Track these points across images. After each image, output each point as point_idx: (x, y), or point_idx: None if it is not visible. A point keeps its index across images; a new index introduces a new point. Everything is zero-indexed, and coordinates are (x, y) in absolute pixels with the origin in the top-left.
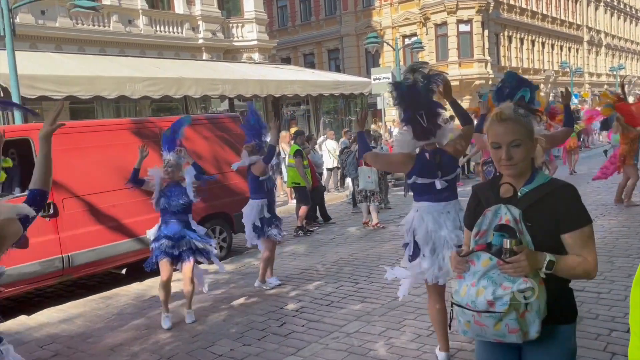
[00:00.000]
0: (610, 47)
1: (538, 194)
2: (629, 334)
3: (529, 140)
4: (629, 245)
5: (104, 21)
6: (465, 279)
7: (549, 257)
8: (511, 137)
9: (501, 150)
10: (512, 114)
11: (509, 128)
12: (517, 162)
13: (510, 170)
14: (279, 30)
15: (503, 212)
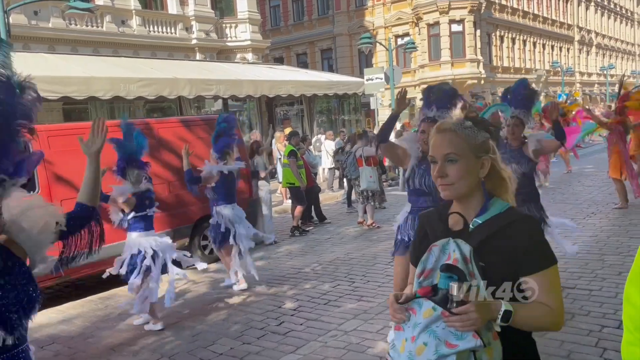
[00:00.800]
0: (601, 47)
1: (493, 227)
2: (620, 330)
3: (471, 156)
4: (619, 244)
5: (97, 22)
6: (404, 331)
7: (505, 307)
8: (446, 150)
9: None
10: (452, 126)
11: (445, 140)
12: (453, 181)
13: (445, 190)
14: (271, 30)
15: (451, 248)
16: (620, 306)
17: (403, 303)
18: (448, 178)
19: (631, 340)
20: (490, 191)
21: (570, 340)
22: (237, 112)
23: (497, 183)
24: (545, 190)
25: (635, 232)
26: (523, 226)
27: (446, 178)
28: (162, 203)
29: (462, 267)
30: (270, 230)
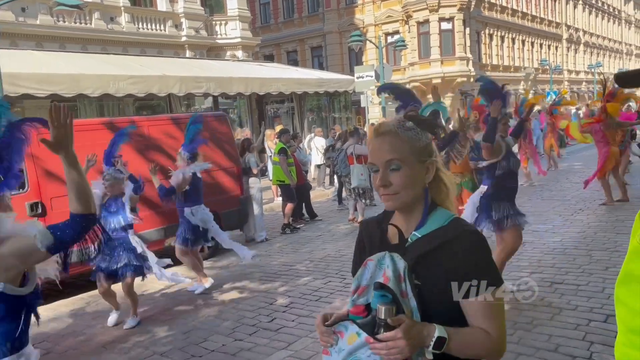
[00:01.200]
0: (589, 45)
1: (433, 242)
2: (607, 324)
3: (415, 162)
4: (606, 239)
5: (85, 18)
6: (331, 355)
7: (438, 332)
8: (388, 156)
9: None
10: (393, 127)
11: (386, 144)
12: (398, 191)
13: (389, 201)
14: (261, 28)
15: (387, 263)
16: (607, 300)
17: (331, 325)
18: (392, 187)
19: (624, 341)
20: (433, 198)
21: (558, 334)
22: (228, 109)
23: (439, 189)
24: (534, 188)
25: (621, 228)
26: (466, 242)
27: (390, 187)
28: (152, 201)
29: (394, 286)
30: (262, 227)
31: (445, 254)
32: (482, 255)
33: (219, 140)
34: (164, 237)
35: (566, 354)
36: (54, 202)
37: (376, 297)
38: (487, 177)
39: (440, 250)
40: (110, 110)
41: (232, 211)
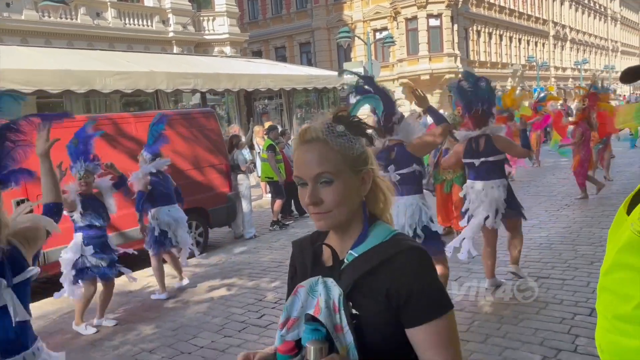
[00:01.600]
0: (575, 42)
1: (371, 261)
2: (592, 317)
3: (350, 173)
4: (591, 234)
5: (71, 14)
6: None
7: None
8: (317, 169)
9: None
10: (321, 134)
11: (314, 154)
12: (330, 209)
13: (321, 220)
14: (249, 23)
15: (319, 290)
16: (592, 294)
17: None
18: (324, 205)
19: (609, 328)
20: (371, 211)
21: (543, 327)
22: (216, 105)
23: (377, 200)
24: (520, 184)
25: (607, 223)
26: (410, 260)
27: (321, 205)
28: None
29: (327, 318)
30: (251, 224)
31: (386, 275)
32: (428, 275)
33: (207, 136)
34: None
35: (552, 347)
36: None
37: (307, 333)
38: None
39: (380, 270)
40: (97, 106)
41: (221, 208)
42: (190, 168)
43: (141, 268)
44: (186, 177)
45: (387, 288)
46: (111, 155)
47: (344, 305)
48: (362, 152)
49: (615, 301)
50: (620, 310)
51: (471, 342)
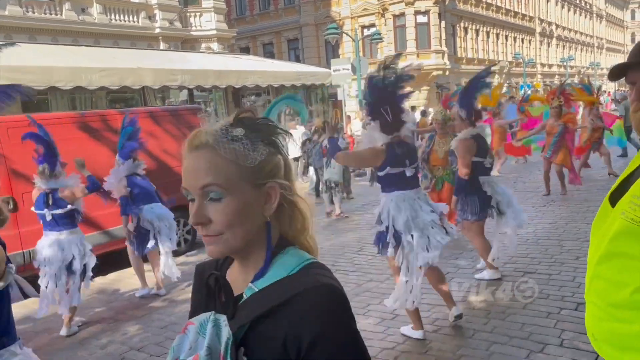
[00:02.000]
0: (561, 39)
1: (272, 299)
2: (578, 312)
3: (247, 187)
4: (577, 230)
5: (55, 9)
6: None
7: None
8: (202, 180)
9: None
10: (212, 138)
11: (202, 164)
12: (221, 231)
13: (211, 245)
14: (237, 20)
15: (208, 330)
16: (578, 289)
17: None
18: (212, 226)
19: (602, 316)
20: (283, 234)
21: (530, 322)
22: (203, 102)
23: (292, 219)
24: (507, 180)
25: (592, 219)
26: (315, 302)
27: (209, 226)
28: None
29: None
30: None
31: (286, 319)
32: (338, 321)
33: None
34: None
35: (538, 342)
36: (26, 197)
37: None
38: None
39: (279, 312)
40: (83, 103)
41: None
42: (178, 165)
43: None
44: (173, 174)
45: (286, 335)
46: (97, 152)
47: (231, 353)
48: (266, 162)
49: (611, 289)
50: (617, 297)
51: (459, 337)
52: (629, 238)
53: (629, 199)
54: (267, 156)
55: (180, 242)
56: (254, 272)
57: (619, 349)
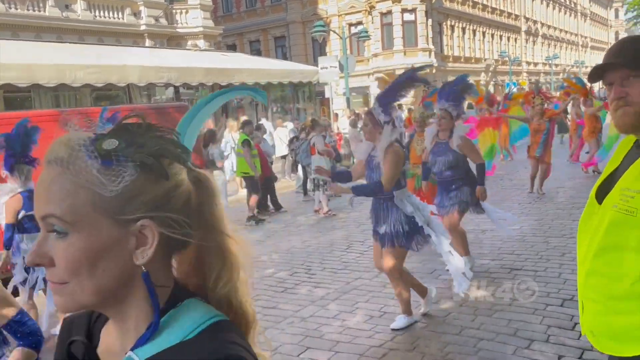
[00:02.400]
0: (546, 37)
1: None
2: (563, 308)
3: (106, 223)
4: (563, 226)
5: (39, 6)
6: None
7: None
8: (42, 209)
9: None
10: (65, 153)
11: (46, 185)
12: (64, 279)
13: (57, 295)
14: (223, 17)
15: None
16: (563, 285)
17: None
18: (54, 270)
19: (602, 310)
20: (186, 284)
21: (517, 318)
22: (189, 100)
23: (196, 264)
24: (494, 177)
25: (577, 215)
26: None
27: (52, 270)
28: None
29: None
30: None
31: None
32: None
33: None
34: None
35: (525, 338)
36: None
37: None
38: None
39: None
40: (67, 100)
41: None
42: None
43: None
44: None
45: None
46: None
47: None
48: (138, 189)
49: (610, 282)
50: (617, 289)
51: (447, 334)
52: (624, 229)
53: (618, 192)
54: (140, 182)
55: None
56: (135, 336)
57: (619, 341)
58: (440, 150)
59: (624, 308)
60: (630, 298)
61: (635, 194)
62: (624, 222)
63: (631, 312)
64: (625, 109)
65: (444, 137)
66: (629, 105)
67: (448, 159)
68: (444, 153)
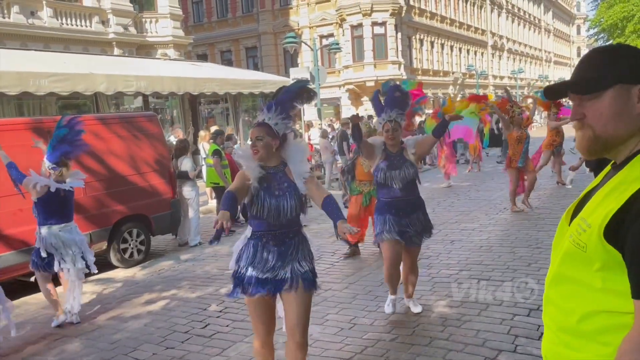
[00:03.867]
0: (512, 52)
1: None
2: (530, 317)
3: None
4: (529, 237)
5: (3, 12)
6: None
7: None
8: None
9: None
10: None
11: None
12: None
13: None
14: (194, 26)
15: None
16: (530, 294)
17: None
18: None
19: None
20: None
21: (485, 329)
22: (159, 109)
23: None
24: (461, 188)
25: (542, 226)
26: None
27: None
28: (77, 205)
29: None
30: (197, 232)
31: None
32: None
33: (149, 141)
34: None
35: (493, 348)
36: (2, 202)
37: None
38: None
39: None
40: (31, 109)
41: (164, 215)
42: (132, 173)
43: None
44: (127, 182)
45: None
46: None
47: None
48: None
49: (560, 315)
50: (565, 323)
51: (415, 345)
52: (574, 262)
53: (577, 221)
54: None
55: (133, 253)
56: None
57: None
58: (396, 163)
59: (571, 344)
60: (576, 335)
61: (587, 228)
62: (576, 255)
63: (577, 349)
64: (583, 132)
65: (395, 151)
66: (586, 128)
67: (408, 174)
68: (400, 166)
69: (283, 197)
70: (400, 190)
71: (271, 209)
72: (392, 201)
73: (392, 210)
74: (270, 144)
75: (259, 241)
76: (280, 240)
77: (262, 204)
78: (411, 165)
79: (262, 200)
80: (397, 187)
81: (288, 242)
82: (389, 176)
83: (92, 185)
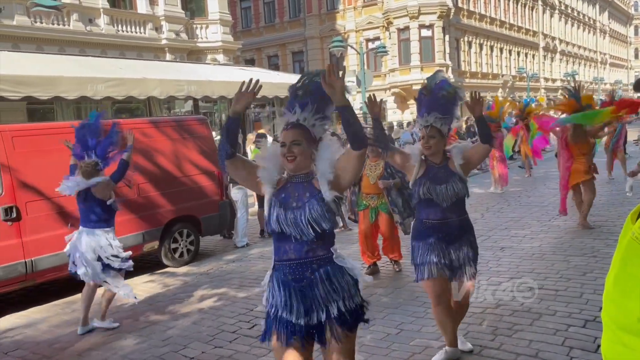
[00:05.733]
0: (565, 54)
1: None
2: (585, 329)
3: None
4: (583, 245)
5: (63, 20)
6: None
7: None
8: None
9: None
10: None
11: None
12: None
13: None
14: (242, 32)
15: None
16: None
17: None
18: None
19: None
20: None
21: (538, 339)
22: (209, 113)
23: None
24: (512, 194)
25: (598, 234)
26: None
27: None
28: (131, 205)
29: None
30: (244, 233)
31: None
32: None
33: (199, 144)
34: (142, 242)
35: (546, 359)
36: (29, 206)
37: None
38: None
39: None
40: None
41: (212, 216)
42: (182, 175)
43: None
44: (179, 184)
45: None
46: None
47: None
48: None
49: (620, 313)
50: (624, 321)
51: (465, 354)
52: (636, 259)
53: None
54: None
55: (183, 253)
56: None
57: None
58: (440, 176)
59: (630, 342)
60: (636, 334)
61: None
62: (637, 252)
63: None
64: None
65: (438, 162)
66: None
67: (456, 189)
68: (446, 180)
69: (302, 209)
70: (447, 211)
71: (289, 224)
72: (436, 224)
73: (438, 234)
74: (308, 150)
75: (280, 274)
76: (299, 275)
77: (277, 217)
78: (460, 179)
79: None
80: (443, 206)
81: (309, 277)
82: (433, 193)
83: (144, 186)
